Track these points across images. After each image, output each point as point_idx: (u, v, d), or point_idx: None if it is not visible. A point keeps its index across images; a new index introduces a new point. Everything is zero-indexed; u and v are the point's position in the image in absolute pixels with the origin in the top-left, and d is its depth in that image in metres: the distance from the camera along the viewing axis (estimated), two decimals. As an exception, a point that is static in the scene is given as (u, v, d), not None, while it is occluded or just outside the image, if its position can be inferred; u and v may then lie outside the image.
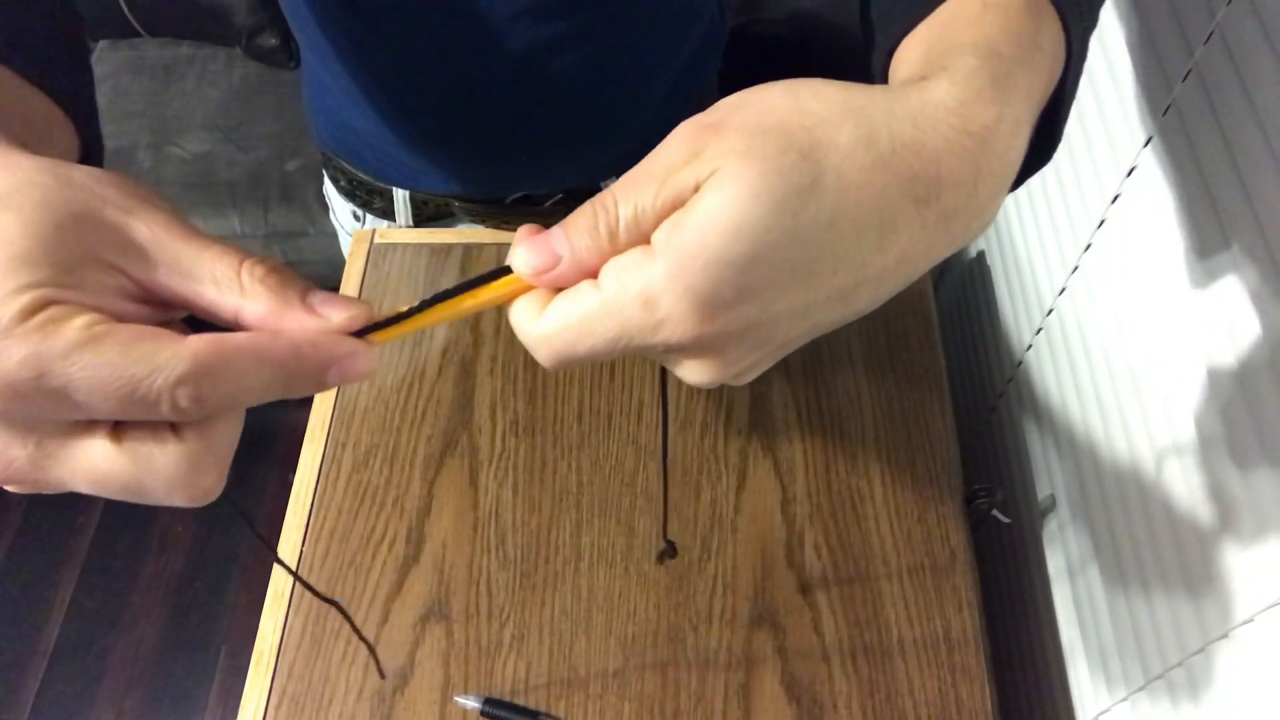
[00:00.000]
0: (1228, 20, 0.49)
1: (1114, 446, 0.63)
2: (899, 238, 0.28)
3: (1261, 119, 0.46)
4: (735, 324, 0.27)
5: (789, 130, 0.27)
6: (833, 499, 0.69)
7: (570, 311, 0.28)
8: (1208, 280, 0.52)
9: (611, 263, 0.28)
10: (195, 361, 0.24)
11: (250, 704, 0.62)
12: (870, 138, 0.27)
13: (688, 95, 0.77)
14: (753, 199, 0.25)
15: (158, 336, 0.25)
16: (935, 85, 0.29)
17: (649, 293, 0.26)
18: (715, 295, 0.26)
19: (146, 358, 0.24)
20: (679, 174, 0.27)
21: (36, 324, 0.23)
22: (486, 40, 0.60)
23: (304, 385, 0.27)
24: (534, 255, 0.28)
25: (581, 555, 0.67)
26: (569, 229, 0.28)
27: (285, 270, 0.28)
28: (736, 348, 0.28)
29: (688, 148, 0.27)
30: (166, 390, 0.24)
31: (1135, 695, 0.60)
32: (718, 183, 0.26)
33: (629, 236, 0.28)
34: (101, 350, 0.24)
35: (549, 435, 0.72)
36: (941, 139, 0.28)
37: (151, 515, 1.66)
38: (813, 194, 0.26)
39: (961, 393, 0.96)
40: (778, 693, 0.62)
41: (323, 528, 0.68)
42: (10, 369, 0.23)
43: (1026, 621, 0.79)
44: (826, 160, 0.26)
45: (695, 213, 0.26)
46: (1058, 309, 0.73)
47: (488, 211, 0.79)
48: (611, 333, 0.27)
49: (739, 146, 0.26)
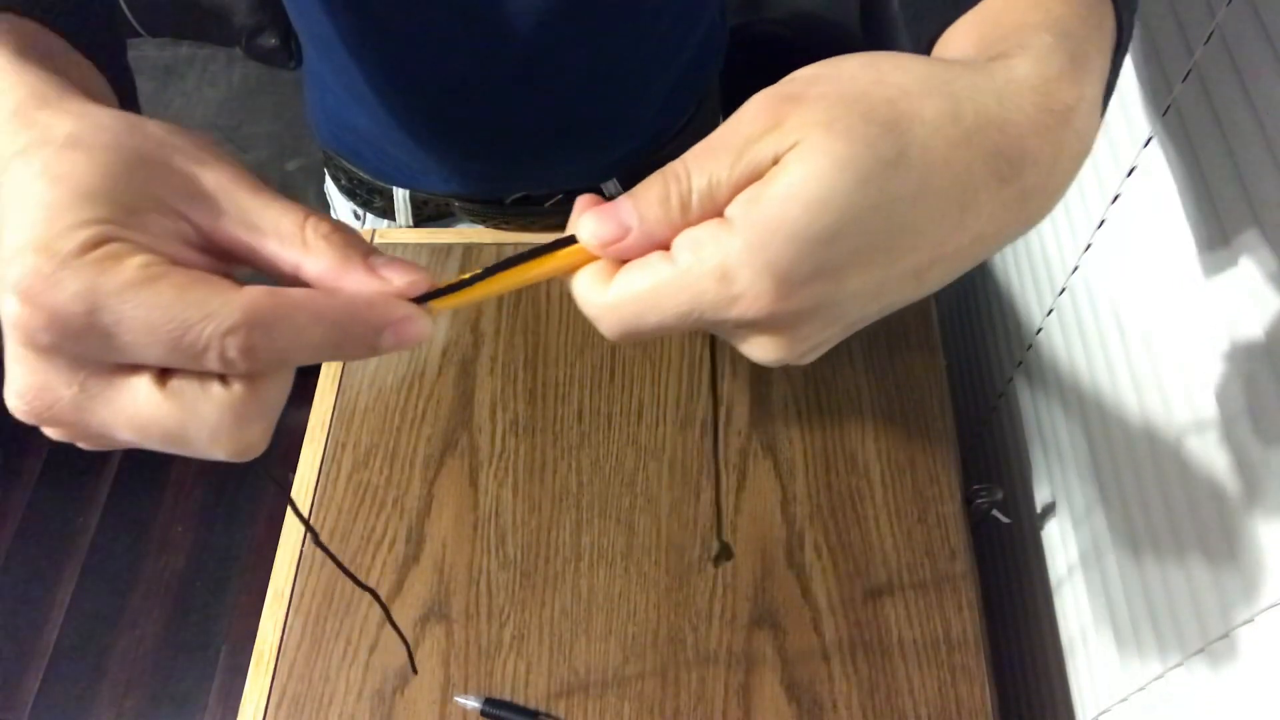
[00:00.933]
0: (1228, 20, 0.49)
1: (1114, 447, 0.64)
2: (979, 215, 0.27)
3: (1261, 119, 0.46)
4: (811, 300, 0.26)
5: (872, 101, 0.26)
6: (833, 499, 0.69)
7: (640, 282, 0.27)
8: (1208, 280, 0.52)
9: (685, 234, 0.27)
10: (249, 311, 0.24)
11: (250, 704, 0.62)
12: (955, 112, 0.26)
13: (689, 96, 0.77)
14: (838, 172, 0.25)
15: (214, 283, 0.24)
16: (1017, 63, 0.29)
17: (726, 266, 0.26)
18: (795, 271, 0.25)
19: (200, 302, 0.24)
20: (756, 145, 0.26)
21: (94, 258, 0.23)
22: (489, 39, 0.60)
23: (356, 347, 0.27)
24: (602, 226, 0.27)
25: (581, 555, 0.67)
26: (638, 200, 0.27)
27: (349, 230, 0.28)
28: (808, 325, 0.27)
29: (766, 119, 0.26)
30: (216, 338, 0.24)
31: (1135, 695, 0.60)
32: (801, 155, 0.25)
33: (702, 209, 0.27)
34: (157, 291, 0.23)
35: (549, 435, 0.72)
36: (1025, 116, 0.27)
37: (151, 515, 1.66)
38: (898, 168, 0.25)
39: (961, 393, 0.96)
40: (778, 693, 0.62)
41: (323, 528, 0.68)
42: (63, 301, 0.23)
43: (1026, 621, 0.79)
44: (912, 133, 0.26)
45: (777, 185, 0.25)
46: (1058, 309, 0.73)
47: (487, 211, 0.79)
48: (683, 306, 0.26)
49: (822, 118, 0.25)
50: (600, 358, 0.75)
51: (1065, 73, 0.29)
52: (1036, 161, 0.28)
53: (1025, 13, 0.32)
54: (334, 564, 0.26)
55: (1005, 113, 0.27)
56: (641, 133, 0.75)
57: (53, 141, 0.25)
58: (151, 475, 1.69)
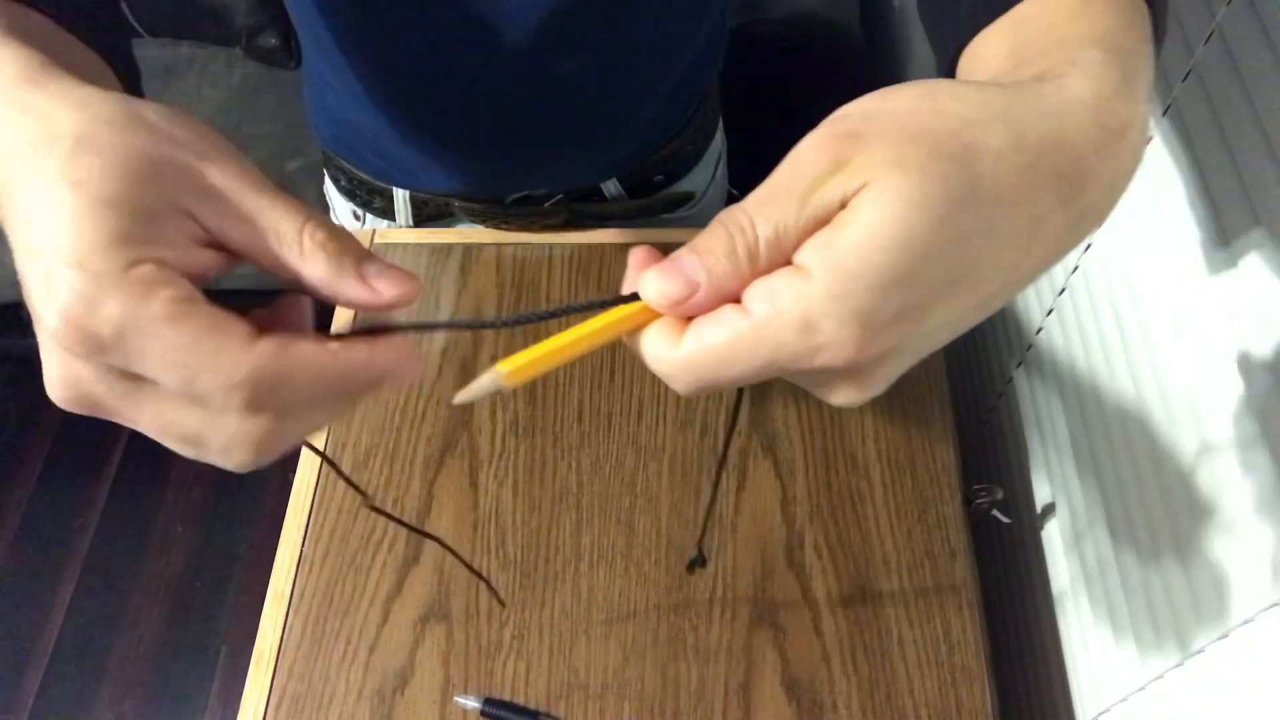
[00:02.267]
0: (1228, 20, 0.49)
1: (1114, 447, 0.64)
2: (1045, 239, 0.27)
3: (1261, 119, 0.46)
4: (893, 342, 0.26)
5: (937, 136, 0.25)
6: (833, 499, 0.69)
7: (716, 336, 0.26)
8: (1208, 280, 0.52)
9: (759, 284, 0.26)
10: (254, 371, 0.25)
11: (250, 704, 0.62)
12: (1019, 140, 0.26)
13: (689, 96, 0.77)
14: (914, 213, 0.24)
15: (228, 334, 0.25)
16: (1070, 82, 0.28)
17: (809, 316, 0.25)
18: (878, 316, 0.25)
19: (211, 354, 0.25)
20: (822, 189, 0.25)
21: (129, 283, 0.24)
22: (491, 38, 0.60)
23: (358, 396, 0.28)
24: (669, 284, 0.27)
25: (581, 555, 0.67)
26: (703, 253, 0.27)
27: (344, 236, 0.28)
28: (888, 364, 0.27)
29: (827, 159, 0.26)
30: (220, 391, 0.25)
31: (1135, 695, 0.60)
32: (873, 197, 0.25)
33: (770, 258, 0.26)
34: (176, 333, 0.25)
35: (549, 435, 0.72)
36: (1084, 136, 0.27)
37: (151, 515, 1.66)
38: (971, 203, 0.25)
39: (961, 393, 0.96)
40: (778, 693, 0.62)
41: (323, 528, 0.68)
42: (97, 325, 0.24)
43: (1026, 621, 0.79)
44: (980, 166, 0.25)
45: (852, 230, 0.25)
46: (1058, 309, 0.73)
47: (488, 211, 0.79)
48: (763, 358, 0.26)
49: (889, 156, 0.25)
50: (600, 358, 0.75)
51: (1120, 90, 0.29)
52: (1097, 181, 0.27)
53: (1068, 24, 0.31)
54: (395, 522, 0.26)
55: (1065, 135, 0.27)
56: (642, 133, 0.75)
57: (60, 140, 0.25)
58: (151, 475, 1.69)
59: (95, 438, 1.73)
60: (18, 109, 0.26)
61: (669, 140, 0.77)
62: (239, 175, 0.27)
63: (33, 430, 1.74)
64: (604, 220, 0.82)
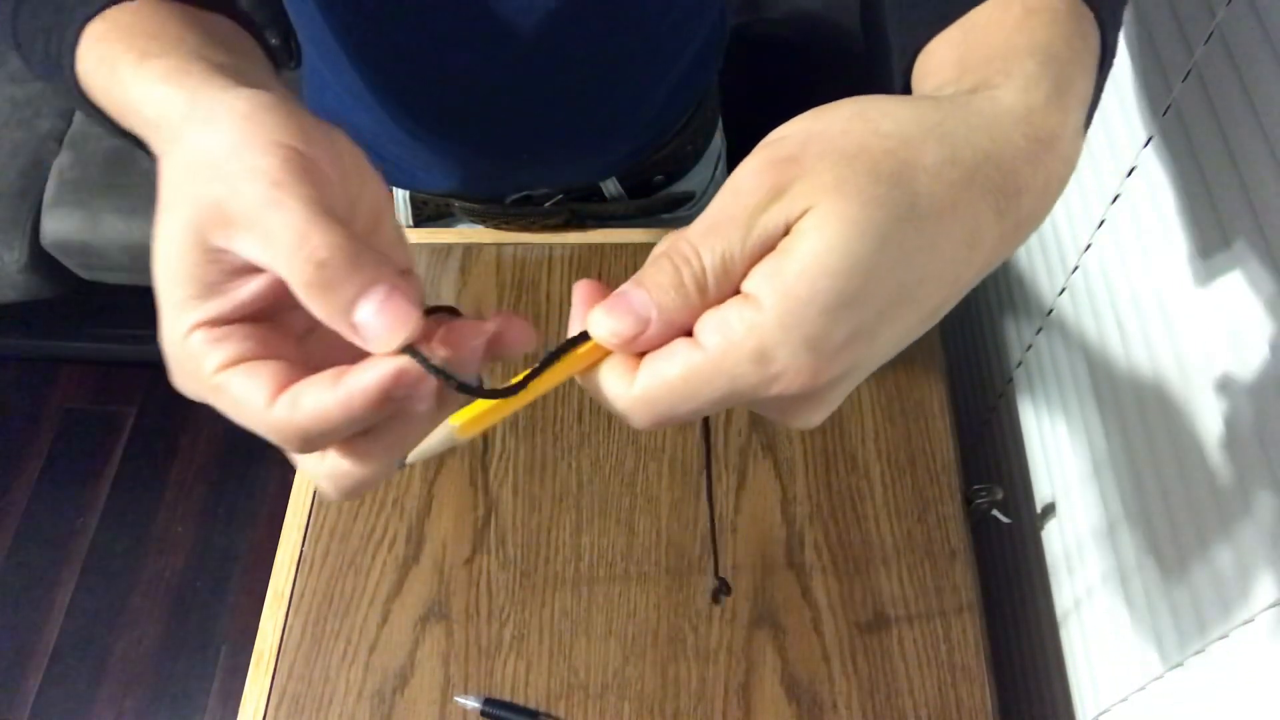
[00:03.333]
0: (1228, 20, 0.49)
1: (1114, 447, 0.63)
2: (984, 249, 0.27)
3: (1261, 119, 0.46)
4: (846, 364, 0.26)
5: (874, 156, 0.26)
6: (833, 499, 0.69)
7: (670, 371, 0.26)
8: (1208, 280, 0.52)
9: (710, 316, 0.26)
10: (279, 432, 0.28)
11: (250, 704, 0.62)
12: (954, 155, 0.26)
13: (689, 96, 0.77)
14: (859, 236, 0.24)
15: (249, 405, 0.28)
16: (1002, 93, 0.29)
17: (762, 347, 0.25)
18: (830, 341, 0.25)
19: (248, 420, 0.28)
20: (765, 215, 0.26)
21: (188, 353, 0.29)
22: (489, 39, 0.60)
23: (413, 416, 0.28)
24: (619, 322, 0.26)
25: (581, 555, 0.67)
26: (650, 287, 0.26)
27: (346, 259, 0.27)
28: (842, 385, 0.27)
29: (769, 186, 0.26)
30: (270, 436, 0.28)
31: (1135, 695, 0.60)
32: (816, 223, 0.25)
33: (719, 288, 0.26)
34: (224, 398, 0.28)
35: (549, 435, 0.72)
36: (1015, 149, 0.28)
37: (151, 515, 1.66)
38: (911, 221, 0.25)
39: (961, 393, 0.96)
40: (778, 693, 0.62)
41: (323, 528, 0.68)
42: (186, 385, 0.30)
43: (1026, 621, 0.79)
44: (918, 184, 0.26)
45: (799, 257, 0.25)
46: (1058, 309, 0.73)
47: (487, 211, 0.79)
48: (720, 391, 0.26)
49: (828, 181, 0.25)
50: (600, 358, 0.75)
51: (1050, 100, 0.29)
52: (1031, 190, 0.28)
53: (1010, 34, 0.31)
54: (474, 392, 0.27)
55: (998, 148, 0.27)
56: (642, 132, 0.75)
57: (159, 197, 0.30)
58: (151, 475, 1.69)
59: (95, 438, 1.73)
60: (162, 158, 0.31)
61: (669, 140, 0.77)
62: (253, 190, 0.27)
63: (33, 430, 1.74)
64: (604, 220, 0.82)
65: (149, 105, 0.32)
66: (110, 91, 0.34)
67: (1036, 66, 0.30)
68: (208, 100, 0.30)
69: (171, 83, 0.32)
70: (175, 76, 0.32)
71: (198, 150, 0.29)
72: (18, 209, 1.46)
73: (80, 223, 1.42)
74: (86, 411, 1.76)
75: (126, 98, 0.33)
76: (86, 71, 0.36)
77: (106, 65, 0.34)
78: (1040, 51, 0.30)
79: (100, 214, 1.42)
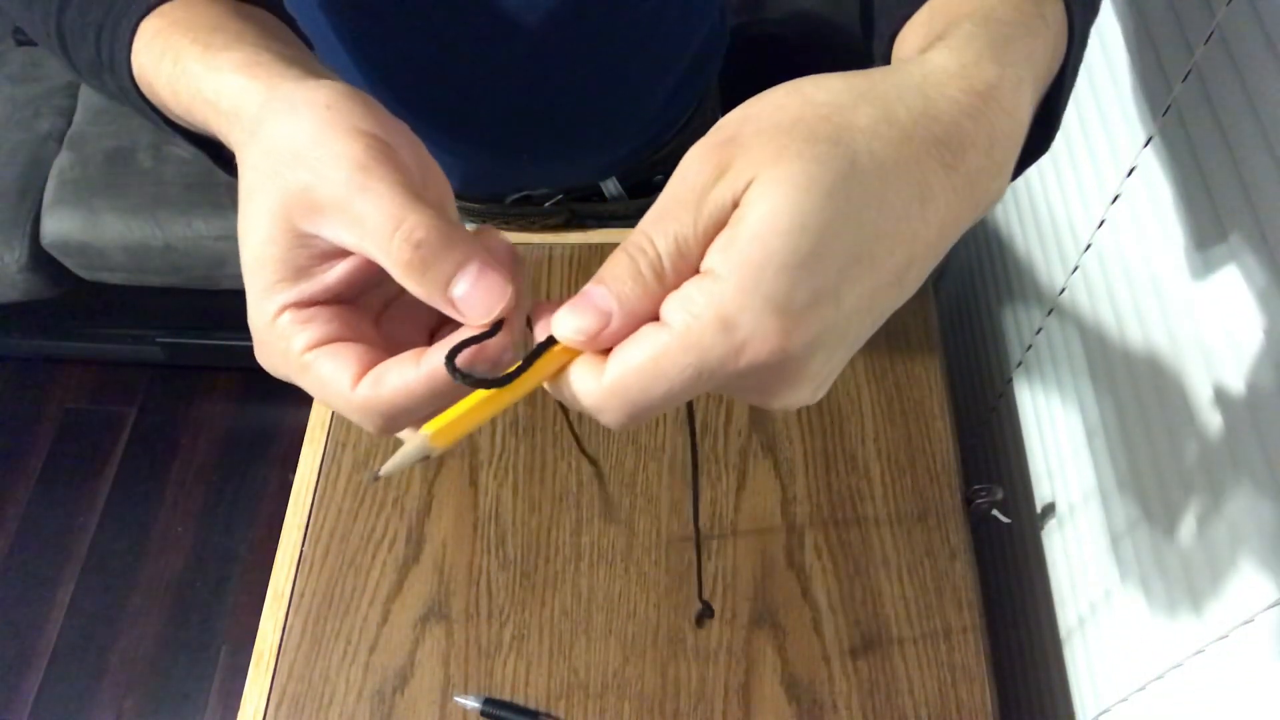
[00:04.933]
0: (1228, 20, 0.49)
1: (1113, 446, 0.63)
2: (937, 206, 0.27)
3: (1261, 119, 0.46)
4: (815, 328, 0.26)
5: (809, 123, 0.26)
6: (833, 499, 0.69)
7: (638, 355, 0.26)
8: (1208, 280, 0.52)
9: (671, 298, 0.26)
10: (362, 413, 0.29)
11: (250, 704, 0.62)
12: (887, 113, 0.27)
13: (689, 96, 0.77)
14: (803, 195, 0.25)
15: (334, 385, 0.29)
16: (934, 54, 0.29)
17: (725, 315, 0.25)
18: (793, 301, 0.25)
19: (334, 396, 0.30)
20: (711, 194, 0.26)
21: (276, 334, 0.30)
22: (490, 38, 0.60)
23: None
24: (582, 319, 0.27)
25: (581, 555, 0.67)
26: (609, 281, 0.27)
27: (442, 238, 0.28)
28: (818, 355, 0.27)
29: (711, 167, 0.27)
30: (354, 416, 0.30)
31: (1135, 695, 0.60)
32: (761, 190, 0.25)
33: (676, 271, 0.27)
34: (310, 377, 0.30)
35: (549, 435, 0.72)
36: (951, 102, 0.28)
37: (151, 515, 1.66)
38: (854, 176, 0.26)
39: (961, 393, 0.96)
40: (778, 693, 0.62)
41: (323, 528, 0.68)
42: (274, 365, 0.31)
43: (1026, 621, 0.79)
44: (855, 143, 0.26)
45: (749, 224, 0.25)
46: (1058, 308, 0.73)
47: (487, 211, 0.79)
48: (690, 369, 0.26)
49: (768, 151, 0.26)
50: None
51: (984, 54, 0.29)
52: (975, 143, 0.28)
53: (962, 5, 0.32)
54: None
55: (932, 104, 0.28)
56: (642, 132, 0.75)
57: (242, 185, 0.31)
58: (151, 475, 1.69)
59: (95, 438, 1.73)
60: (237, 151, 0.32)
61: (669, 140, 0.77)
62: (342, 177, 0.28)
63: (33, 430, 1.74)
64: (604, 220, 0.82)
65: (225, 97, 0.32)
66: (175, 84, 0.35)
67: (972, 26, 0.30)
68: (286, 90, 0.31)
69: (245, 73, 0.32)
70: (248, 68, 0.32)
71: (281, 138, 0.30)
72: (18, 209, 1.46)
73: (80, 223, 1.42)
74: (86, 411, 1.76)
75: (197, 89, 0.34)
76: (143, 65, 0.36)
77: (170, 58, 0.35)
78: (979, 14, 0.31)
79: (100, 214, 1.42)
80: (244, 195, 0.30)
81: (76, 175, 1.46)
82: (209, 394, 1.75)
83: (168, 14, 0.36)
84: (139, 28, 0.36)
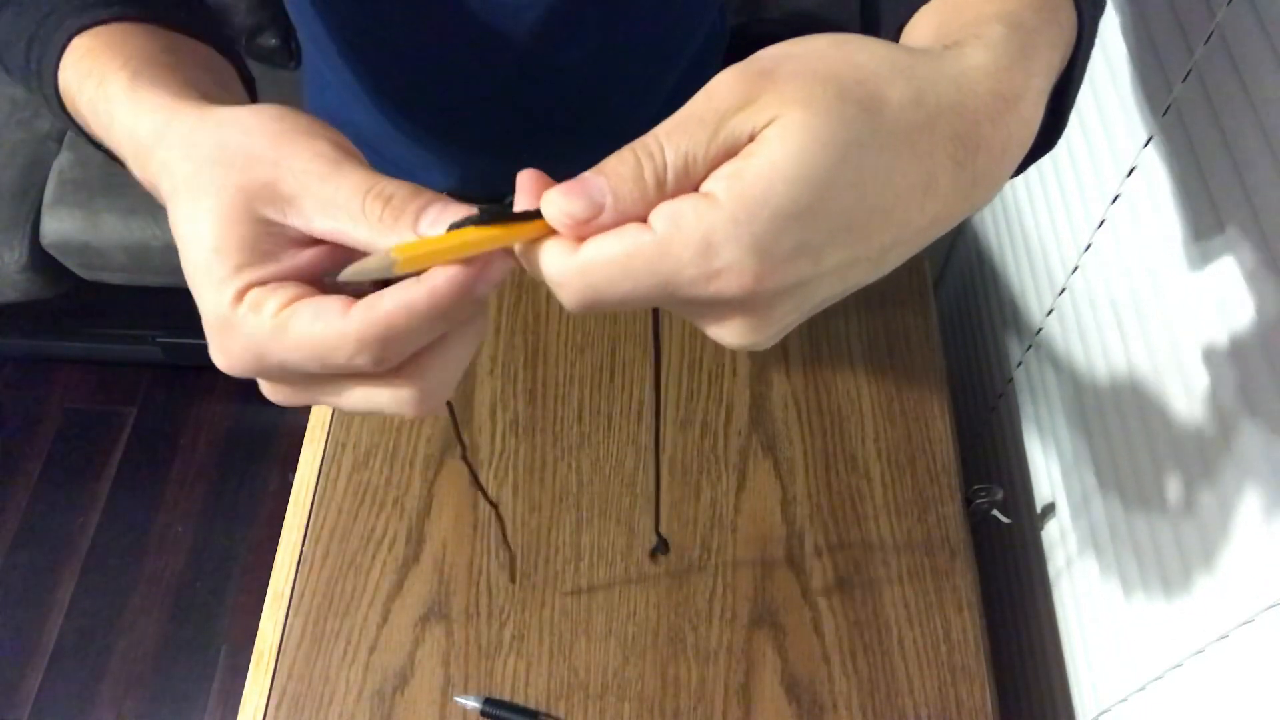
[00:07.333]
0: (1228, 20, 0.49)
1: (1114, 446, 0.63)
2: (937, 198, 0.27)
3: (1261, 119, 0.46)
4: (789, 279, 0.26)
5: (844, 81, 0.26)
6: (833, 499, 0.69)
7: (615, 248, 0.26)
8: (1208, 280, 0.52)
9: (663, 206, 0.26)
10: (361, 334, 0.27)
11: (250, 704, 0.62)
12: (919, 96, 0.27)
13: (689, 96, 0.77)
14: (820, 149, 0.25)
15: (326, 314, 0.27)
16: (971, 51, 0.29)
17: (710, 239, 0.25)
18: (779, 247, 0.25)
19: (322, 338, 0.27)
20: (732, 120, 0.26)
21: (242, 312, 0.28)
22: (489, 38, 0.60)
23: (462, 311, 0.28)
24: (572, 203, 0.26)
25: (581, 555, 0.67)
26: (611, 176, 0.27)
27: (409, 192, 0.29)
28: (782, 305, 0.27)
29: (740, 94, 0.26)
30: (348, 361, 0.28)
31: (1135, 695, 0.60)
32: (780, 131, 0.25)
33: (677, 185, 0.27)
34: (291, 333, 0.28)
35: (549, 435, 0.72)
36: (980, 103, 0.28)
37: (151, 515, 1.66)
38: (870, 148, 0.26)
39: (961, 393, 0.96)
40: (778, 693, 0.62)
41: (323, 528, 0.68)
42: (237, 354, 0.29)
43: (1026, 621, 0.79)
44: (882, 115, 0.26)
45: (759, 161, 0.25)
46: (1058, 308, 0.73)
47: (487, 211, 0.79)
48: (660, 276, 0.26)
49: (799, 95, 0.26)
50: (600, 358, 0.75)
51: (1016, 62, 0.30)
52: (990, 147, 0.28)
53: (982, 4, 0.32)
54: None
55: (963, 98, 0.28)
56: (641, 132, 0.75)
57: (177, 192, 0.30)
58: (151, 475, 1.69)
59: (95, 438, 1.73)
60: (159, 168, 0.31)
61: (669, 140, 0.77)
62: (308, 166, 0.29)
63: (33, 430, 1.74)
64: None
65: (142, 125, 0.33)
66: (96, 105, 0.35)
67: (1004, 30, 0.30)
68: (221, 112, 0.31)
69: (165, 109, 0.33)
70: (171, 102, 0.33)
71: (230, 145, 0.30)
72: (18, 209, 1.46)
73: (80, 223, 1.42)
74: (86, 411, 1.76)
75: (115, 115, 0.34)
76: (68, 81, 0.37)
77: (95, 79, 0.35)
78: (1008, 18, 0.31)
79: (100, 214, 1.42)
80: (185, 200, 0.30)
81: (76, 175, 1.46)
82: (209, 394, 1.75)
83: (101, 35, 0.37)
84: (69, 45, 0.37)
